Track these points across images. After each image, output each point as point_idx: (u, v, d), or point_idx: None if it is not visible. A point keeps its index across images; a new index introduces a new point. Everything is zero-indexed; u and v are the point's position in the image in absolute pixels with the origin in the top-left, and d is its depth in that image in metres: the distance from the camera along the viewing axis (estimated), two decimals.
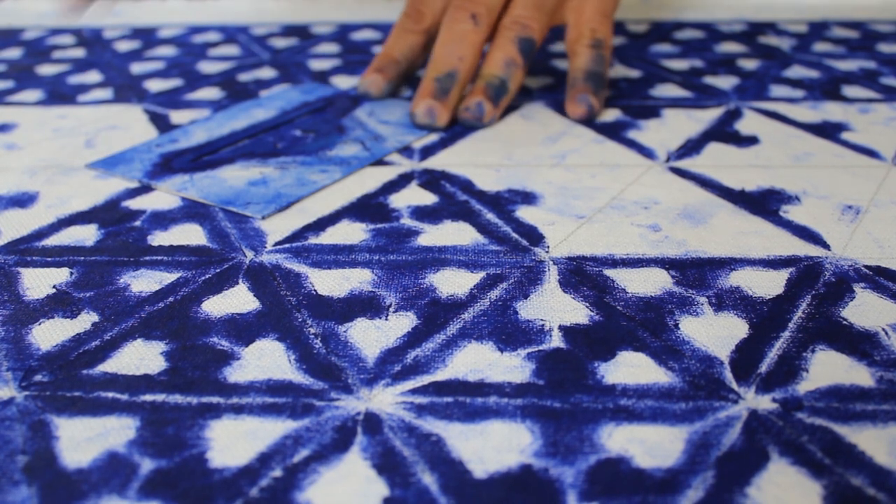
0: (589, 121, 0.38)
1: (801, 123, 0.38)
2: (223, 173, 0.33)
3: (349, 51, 0.50)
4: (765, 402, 0.20)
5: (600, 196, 0.31)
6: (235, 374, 0.22)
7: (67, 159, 0.35)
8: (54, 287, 0.25)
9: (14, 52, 0.50)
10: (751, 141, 0.36)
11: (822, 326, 0.23)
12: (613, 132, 0.37)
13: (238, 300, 0.25)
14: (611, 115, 0.39)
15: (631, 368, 0.22)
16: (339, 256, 0.27)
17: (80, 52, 0.50)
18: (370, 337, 0.23)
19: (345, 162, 0.34)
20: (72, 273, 0.26)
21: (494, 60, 0.38)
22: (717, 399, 0.20)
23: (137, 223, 0.29)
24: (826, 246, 0.27)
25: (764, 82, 0.43)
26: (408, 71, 0.41)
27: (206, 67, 0.47)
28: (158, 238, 0.28)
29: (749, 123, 0.38)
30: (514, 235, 0.28)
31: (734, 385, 0.21)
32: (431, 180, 0.32)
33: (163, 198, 0.31)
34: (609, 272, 0.26)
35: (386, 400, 0.21)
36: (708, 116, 0.38)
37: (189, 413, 0.20)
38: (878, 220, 0.29)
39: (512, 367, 0.22)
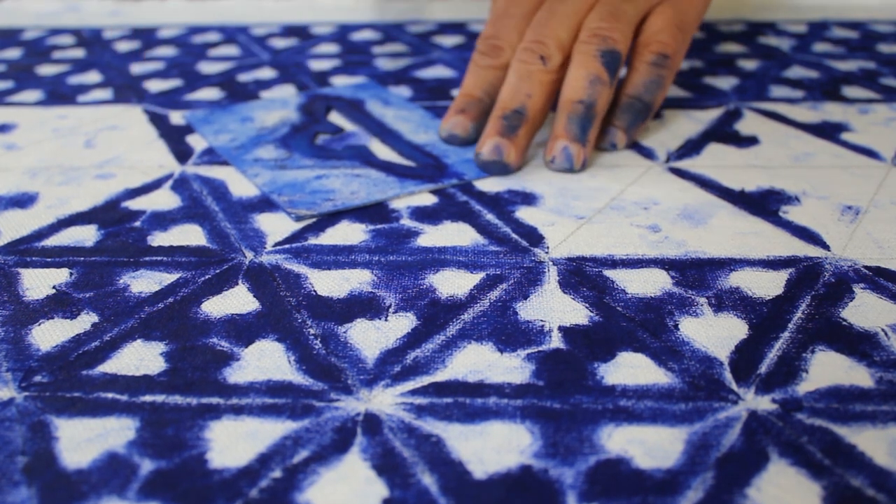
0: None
1: (800, 123, 0.38)
2: (298, 171, 0.33)
3: (349, 51, 0.50)
4: (764, 403, 0.20)
5: (600, 196, 0.31)
6: (235, 374, 0.22)
7: (67, 159, 0.35)
8: (54, 287, 0.25)
9: (14, 52, 0.50)
10: (751, 141, 0.36)
11: (822, 327, 0.23)
12: None
13: (238, 301, 0.25)
14: None
15: (631, 369, 0.22)
16: (339, 257, 0.27)
17: (80, 52, 0.50)
18: (370, 338, 0.23)
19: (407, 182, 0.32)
20: (71, 273, 0.26)
21: (575, 80, 0.33)
22: (716, 400, 0.20)
23: (137, 223, 0.29)
24: (826, 246, 0.27)
25: (764, 82, 0.43)
26: (492, 109, 0.35)
27: (206, 68, 0.47)
28: (158, 238, 0.28)
29: (749, 123, 0.38)
30: (514, 236, 0.28)
31: (734, 386, 0.21)
32: None
33: (163, 198, 0.31)
34: (609, 273, 0.26)
35: (385, 401, 0.21)
36: (708, 116, 0.38)
37: (189, 414, 0.20)
38: (877, 220, 0.29)
39: (512, 368, 0.22)
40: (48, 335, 0.23)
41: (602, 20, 0.34)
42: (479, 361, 0.22)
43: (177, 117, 0.39)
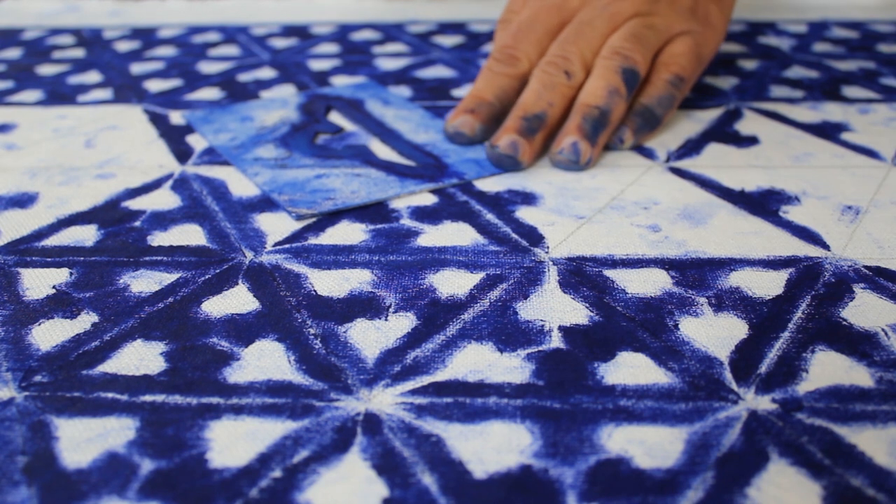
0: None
1: (800, 123, 0.38)
2: (298, 170, 0.33)
3: (349, 51, 0.50)
4: (764, 403, 0.20)
5: (600, 196, 0.31)
6: (235, 374, 0.22)
7: (67, 159, 0.35)
8: (54, 287, 0.25)
9: (14, 52, 0.50)
10: (751, 141, 0.36)
11: (822, 327, 0.23)
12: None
13: (238, 301, 0.25)
14: None
15: (631, 369, 0.22)
16: (339, 257, 0.27)
17: (80, 52, 0.50)
18: (370, 337, 0.23)
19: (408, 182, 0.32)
20: (72, 273, 0.26)
21: (593, 89, 0.34)
22: (716, 400, 0.20)
23: (137, 223, 0.29)
24: (826, 246, 0.27)
25: (764, 82, 0.43)
26: (502, 114, 0.35)
27: (206, 67, 0.47)
28: (158, 238, 0.28)
29: (749, 123, 0.38)
30: (514, 236, 0.28)
31: (734, 386, 0.21)
32: None
33: (163, 198, 0.31)
34: (609, 273, 0.26)
35: (385, 400, 0.21)
36: (708, 116, 0.38)
37: (189, 414, 0.20)
38: (877, 220, 0.29)
39: (512, 368, 0.22)
40: (48, 335, 0.23)
41: (625, 41, 0.35)
42: (479, 361, 0.22)
43: (177, 117, 0.39)
